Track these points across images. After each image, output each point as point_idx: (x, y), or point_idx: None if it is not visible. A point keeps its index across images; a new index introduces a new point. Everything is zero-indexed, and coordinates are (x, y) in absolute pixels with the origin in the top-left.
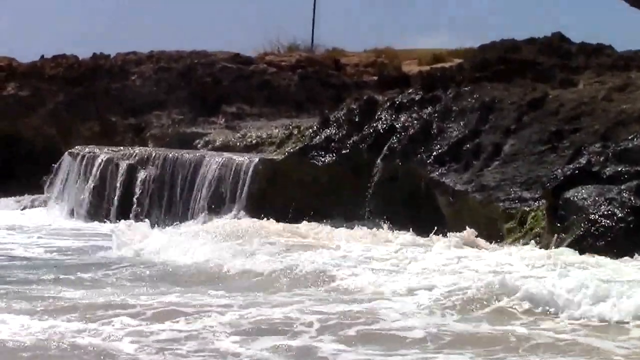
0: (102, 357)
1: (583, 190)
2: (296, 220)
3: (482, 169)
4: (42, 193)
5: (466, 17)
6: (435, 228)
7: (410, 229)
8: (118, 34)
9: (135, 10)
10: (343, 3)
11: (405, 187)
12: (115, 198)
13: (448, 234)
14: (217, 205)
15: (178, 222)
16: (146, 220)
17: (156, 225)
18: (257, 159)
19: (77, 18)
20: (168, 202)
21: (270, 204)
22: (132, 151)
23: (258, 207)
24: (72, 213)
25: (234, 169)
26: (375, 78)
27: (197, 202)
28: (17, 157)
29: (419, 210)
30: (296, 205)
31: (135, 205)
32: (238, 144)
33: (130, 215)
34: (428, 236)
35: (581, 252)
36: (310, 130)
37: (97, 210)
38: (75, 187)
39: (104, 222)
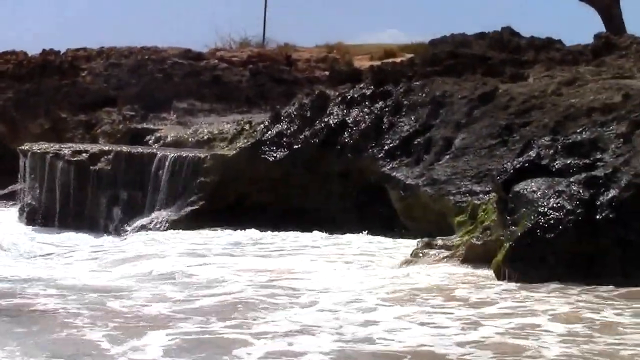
0: None
1: (532, 183)
2: (248, 216)
3: (433, 163)
4: None
5: (417, 13)
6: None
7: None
8: (68, 31)
9: (86, 6)
10: None
11: (356, 183)
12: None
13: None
14: (168, 203)
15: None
16: None
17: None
18: (208, 155)
19: (26, 14)
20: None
21: (222, 201)
22: (83, 147)
23: (211, 203)
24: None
25: (185, 165)
26: (327, 73)
27: (149, 200)
28: None
29: (370, 207)
30: (248, 201)
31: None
32: (190, 139)
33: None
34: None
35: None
36: (262, 125)
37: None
38: (26, 187)
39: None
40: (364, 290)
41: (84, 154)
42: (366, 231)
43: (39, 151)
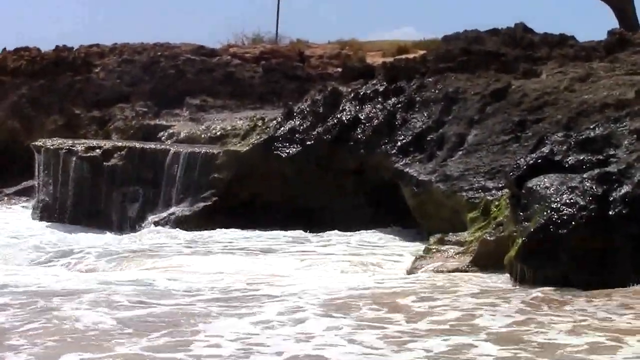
0: None
1: (545, 179)
2: (261, 212)
3: (445, 159)
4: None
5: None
6: None
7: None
8: (81, 27)
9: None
10: None
11: (370, 179)
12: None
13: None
14: (181, 199)
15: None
16: None
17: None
18: (221, 151)
19: (40, 10)
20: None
21: (235, 197)
22: (97, 143)
23: (224, 199)
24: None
25: (198, 161)
26: (340, 70)
27: (163, 196)
28: None
29: (384, 204)
30: (261, 197)
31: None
32: (202, 136)
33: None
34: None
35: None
36: (275, 121)
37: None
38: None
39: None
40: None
41: (97, 150)
42: (379, 229)
43: (52, 147)
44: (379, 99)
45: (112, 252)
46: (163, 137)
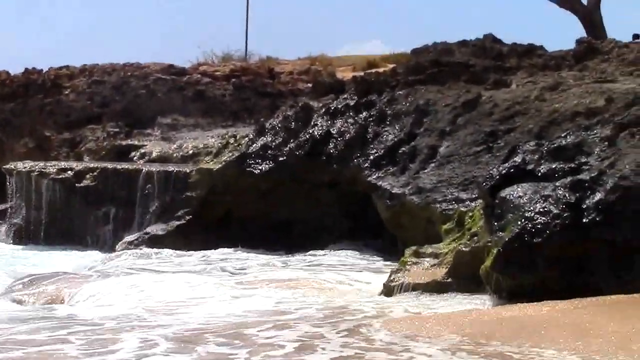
0: None
1: (519, 189)
2: (235, 229)
3: (418, 172)
4: None
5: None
6: None
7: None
8: (50, 49)
9: (67, 25)
10: (275, 12)
11: (344, 193)
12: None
13: None
14: (155, 219)
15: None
16: None
17: None
18: (193, 170)
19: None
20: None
21: (209, 215)
22: (69, 165)
23: (199, 217)
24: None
25: (171, 180)
26: (310, 85)
27: (137, 216)
28: None
29: (359, 216)
30: (235, 214)
31: None
32: (175, 155)
33: None
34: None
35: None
36: (247, 138)
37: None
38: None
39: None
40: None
41: (69, 172)
42: (352, 244)
43: (24, 170)
44: (351, 113)
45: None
46: (135, 157)
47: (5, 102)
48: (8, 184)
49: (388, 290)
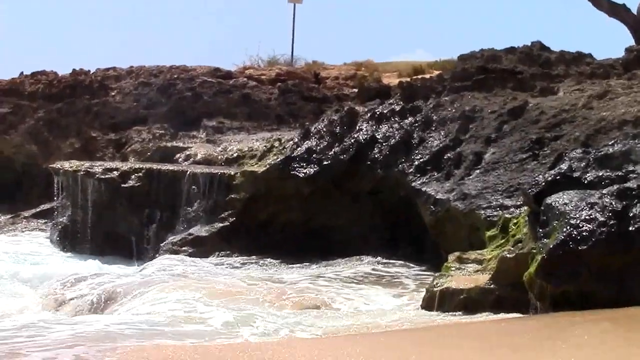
0: None
1: (564, 196)
2: (277, 233)
3: (463, 178)
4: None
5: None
6: None
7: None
8: (98, 50)
9: (115, 26)
10: (322, 17)
11: (387, 199)
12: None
13: None
14: (199, 220)
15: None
16: None
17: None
18: (238, 172)
19: (57, 34)
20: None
21: (252, 218)
22: (114, 165)
23: (242, 220)
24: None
25: (216, 182)
26: (356, 90)
27: (181, 218)
28: None
29: (401, 224)
30: (278, 218)
31: None
32: (219, 157)
33: None
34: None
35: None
36: (291, 142)
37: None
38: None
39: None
40: None
41: (115, 172)
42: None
43: (70, 169)
44: (396, 118)
45: None
46: (180, 159)
47: (53, 102)
48: (55, 183)
49: (430, 296)
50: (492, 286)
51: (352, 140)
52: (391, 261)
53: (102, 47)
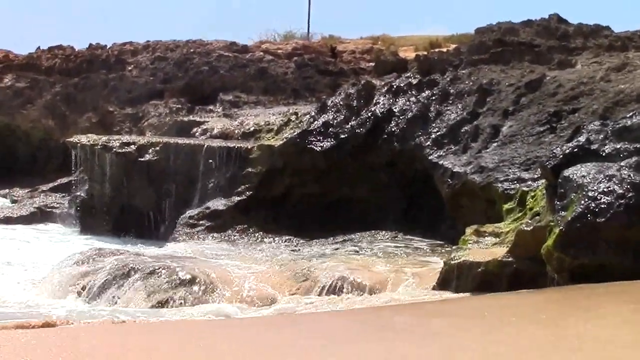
0: None
1: (582, 168)
2: (294, 206)
3: (480, 151)
4: (41, 184)
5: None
6: None
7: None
8: (114, 24)
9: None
10: None
11: (404, 172)
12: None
13: None
14: (216, 194)
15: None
16: None
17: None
18: (254, 146)
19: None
20: (163, 193)
21: (269, 191)
22: (131, 139)
23: (259, 194)
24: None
25: (233, 155)
26: (372, 64)
27: (198, 191)
28: (15, 150)
29: (418, 197)
30: (295, 191)
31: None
32: (236, 131)
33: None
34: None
35: None
36: (308, 116)
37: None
38: (76, 179)
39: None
40: None
41: (132, 146)
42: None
43: (87, 143)
44: (413, 92)
45: None
46: (197, 133)
47: (70, 77)
48: (72, 157)
49: (448, 269)
50: (510, 259)
51: (369, 114)
52: (408, 236)
53: (118, 21)
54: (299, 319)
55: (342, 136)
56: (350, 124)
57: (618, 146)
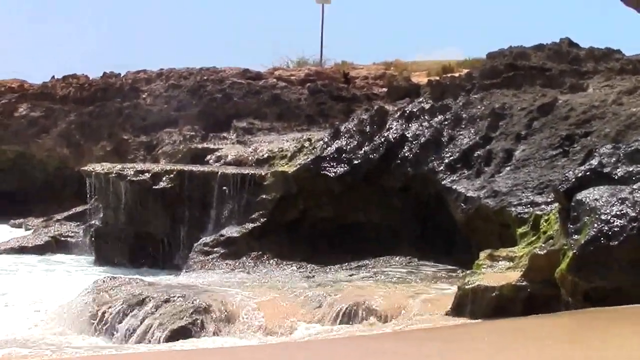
0: None
1: (595, 191)
2: (308, 232)
3: (493, 175)
4: (56, 212)
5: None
6: None
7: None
8: (127, 53)
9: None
10: (350, 17)
11: (417, 197)
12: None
13: None
14: (230, 221)
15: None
16: None
17: None
18: (268, 173)
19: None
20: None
21: (283, 217)
22: (146, 167)
23: (273, 220)
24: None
25: (247, 182)
26: (385, 90)
27: (212, 218)
28: (30, 179)
29: (431, 221)
30: (308, 217)
31: None
32: (250, 158)
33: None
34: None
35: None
36: (321, 142)
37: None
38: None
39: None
40: None
41: (146, 174)
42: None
43: (102, 172)
44: (426, 117)
45: None
46: (211, 160)
47: (84, 105)
48: (87, 185)
49: (462, 293)
50: (524, 283)
51: (382, 139)
52: (422, 261)
53: (132, 50)
54: (312, 345)
55: (356, 162)
56: (363, 149)
57: (630, 169)
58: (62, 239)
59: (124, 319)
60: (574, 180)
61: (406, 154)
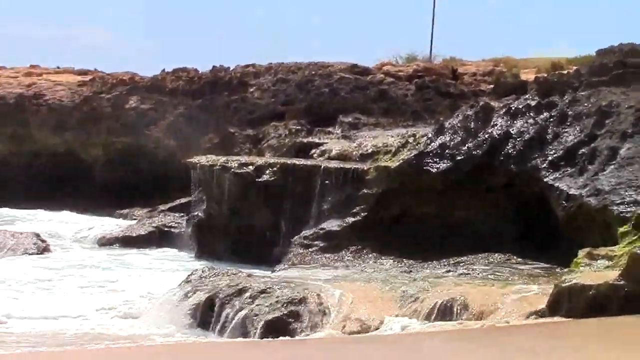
0: None
1: None
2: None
3: (597, 173)
4: (161, 203)
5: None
6: None
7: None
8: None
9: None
10: (461, 13)
11: (519, 194)
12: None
13: None
14: (331, 215)
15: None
16: None
17: None
18: (371, 167)
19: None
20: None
21: (384, 213)
22: (250, 160)
23: (374, 215)
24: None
25: (349, 177)
26: (492, 86)
27: (314, 212)
28: (138, 171)
29: (533, 218)
30: (410, 213)
31: None
32: (354, 153)
33: None
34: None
35: None
36: (425, 137)
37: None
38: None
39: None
40: None
41: (250, 167)
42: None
43: (207, 164)
44: (531, 114)
45: None
46: (315, 154)
47: (193, 98)
48: (192, 177)
49: (558, 291)
50: (622, 282)
51: (486, 136)
52: (521, 259)
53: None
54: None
55: (459, 158)
56: (467, 145)
57: None
58: (166, 229)
59: (222, 310)
60: None
61: (510, 151)
